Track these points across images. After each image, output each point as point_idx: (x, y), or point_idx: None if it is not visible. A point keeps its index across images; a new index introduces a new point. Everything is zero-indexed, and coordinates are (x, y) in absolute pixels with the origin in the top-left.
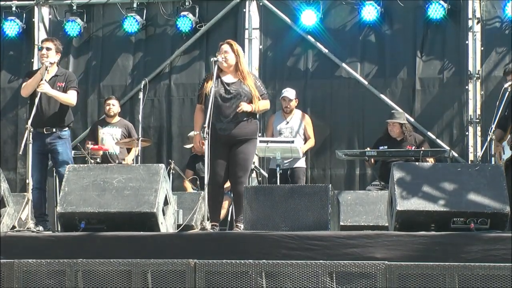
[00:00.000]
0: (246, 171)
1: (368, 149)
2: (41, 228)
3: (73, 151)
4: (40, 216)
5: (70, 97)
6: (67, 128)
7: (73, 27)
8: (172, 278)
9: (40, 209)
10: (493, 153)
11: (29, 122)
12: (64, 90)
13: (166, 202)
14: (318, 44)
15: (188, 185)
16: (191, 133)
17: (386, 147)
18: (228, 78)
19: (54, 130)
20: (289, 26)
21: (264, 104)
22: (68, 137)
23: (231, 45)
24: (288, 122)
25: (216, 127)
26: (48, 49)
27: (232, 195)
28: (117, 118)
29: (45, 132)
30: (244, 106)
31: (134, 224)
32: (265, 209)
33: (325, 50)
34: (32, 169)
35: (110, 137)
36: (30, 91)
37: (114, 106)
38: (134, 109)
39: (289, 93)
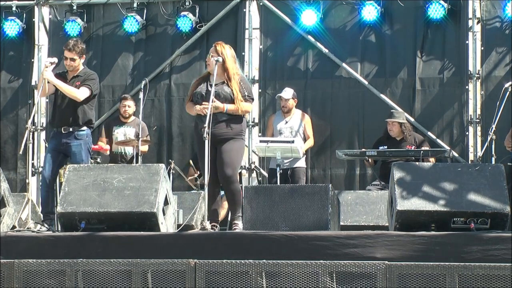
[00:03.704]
0: (233, 169)
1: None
2: (45, 227)
3: None
4: (47, 214)
5: (76, 91)
6: (85, 128)
7: (73, 27)
8: (172, 278)
9: (46, 208)
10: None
11: (29, 122)
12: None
13: (166, 202)
14: (318, 44)
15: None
16: None
17: (386, 147)
18: (215, 79)
19: (70, 129)
20: (289, 26)
21: (244, 106)
22: (86, 137)
23: (216, 47)
24: (287, 122)
25: (199, 126)
26: (72, 59)
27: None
28: (131, 118)
29: (63, 132)
30: (215, 105)
31: (134, 224)
32: (265, 209)
33: (325, 50)
34: (44, 164)
35: (124, 137)
36: (44, 92)
37: (130, 107)
38: (135, 109)
39: (286, 93)
